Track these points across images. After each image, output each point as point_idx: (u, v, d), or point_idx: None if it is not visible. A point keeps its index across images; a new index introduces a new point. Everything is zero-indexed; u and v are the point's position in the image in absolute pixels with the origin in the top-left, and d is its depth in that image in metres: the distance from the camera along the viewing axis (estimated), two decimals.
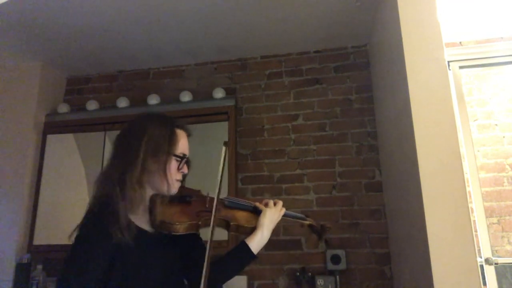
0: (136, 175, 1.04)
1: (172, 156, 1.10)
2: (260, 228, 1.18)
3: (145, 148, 1.07)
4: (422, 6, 1.68)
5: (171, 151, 1.09)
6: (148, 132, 1.09)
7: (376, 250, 2.21)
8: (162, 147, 1.09)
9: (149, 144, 1.07)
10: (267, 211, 1.21)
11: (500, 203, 2.40)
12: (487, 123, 2.53)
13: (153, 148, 1.07)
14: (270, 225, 1.21)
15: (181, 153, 1.13)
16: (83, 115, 2.68)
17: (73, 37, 2.41)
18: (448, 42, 2.40)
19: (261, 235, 1.17)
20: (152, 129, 1.10)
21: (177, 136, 1.12)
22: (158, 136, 1.09)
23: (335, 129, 2.46)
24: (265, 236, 1.18)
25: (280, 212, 1.25)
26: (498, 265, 2.10)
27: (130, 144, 1.09)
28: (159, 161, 1.08)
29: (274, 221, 1.22)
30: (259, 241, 1.17)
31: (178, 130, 1.15)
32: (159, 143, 1.08)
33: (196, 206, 1.16)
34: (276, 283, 2.26)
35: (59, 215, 2.46)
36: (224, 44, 2.56)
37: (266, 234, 1.19)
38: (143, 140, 1.08)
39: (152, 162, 1.07)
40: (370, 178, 2.34)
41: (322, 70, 2.59)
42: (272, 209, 1.23)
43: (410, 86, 1.59)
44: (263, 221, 1.19)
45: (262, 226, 1.19)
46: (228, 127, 2.43)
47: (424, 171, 1.49)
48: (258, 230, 1.18)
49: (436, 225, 1.42)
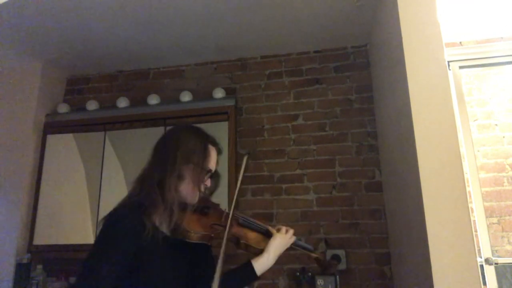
0: (174, 181, 1.11)
1: (203, 170, 1.16)
2: (267, 251, 1.25)
3: (181, 157, 1.14)
4: (422, 6, 1.68)
5: (203, 164, 1.16)
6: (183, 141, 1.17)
7: (376, 250, 2.21)
8: (195, 158, 1.15)
9: (184, 153, 1.15)
10: (278, 236, 1.27)
11: (500, 203, 2.40)
12: (487, 123, 2.53)
13: (187, 158, 1.15)
14: (277, 251, 1.27)
15: (209, 168, 1.19)
16: (83, 115, 2.68)
17: (73, 37, 2.41)
18: (448, 42, 2.40)
19: (267, 258, 1.23)
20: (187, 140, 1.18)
21: (209, 151, 1.19)
22: (193, 148, 1.17)
23: (335, 129, 2.46)
24: (270, 260, 1.24)
25: (289, 240, 1.31)
26: (498, 265, 2.10)
27: (168, 151, 1.16)
28: (193, 172, 1.15)
29: (282, 248, 1.28)
30: (264, 264, 1.23)
31: (210, 145, 1.22)
32: (193, 154, 1.16)
33: (212, 219, 1.22)
34: (276, 283, 2.26)
35: (59, 215, 2.46)
36: (224, 44, 2.56)
37: (272, 258, 1.24)
38: (179, 149, 1.15)
39: (185, 170, 1.14)
40: (370, 178, 2.34)
41: (322, 70, 2.59)
42: (282, 235, 1.29)
43: (410, 86, 1.59)
44: (272, 245, 1.26)
45: (269, 250, 1.25)
46: (228, 127, 2.43)
47: (424, 171, 1.49)
48: (265, 253, 1.24)
49: (436, 225, 1.42)
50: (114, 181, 2.45)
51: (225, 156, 2.37)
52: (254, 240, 1.27)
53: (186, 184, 1.15)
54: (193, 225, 1.15)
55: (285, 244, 1.29)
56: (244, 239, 1.25)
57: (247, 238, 1.26)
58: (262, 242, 1.28)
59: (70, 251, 2.37)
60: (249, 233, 1.29)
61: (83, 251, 2.29)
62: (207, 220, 1.21)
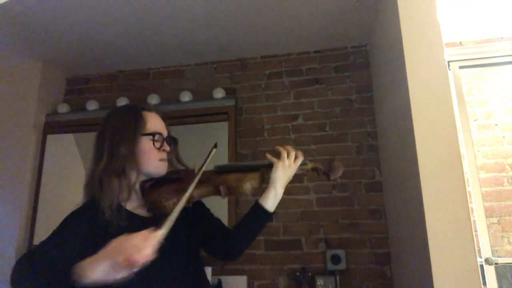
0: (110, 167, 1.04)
1: (140, 136, 1.08)
2: (272, 184, 1.14)
3: (112, 136, 1.07)
4: (422, 6, 1.68)
5: (137, 131, 1.07)
6: (112, 121, 1.11)
7: (376, 250, 2.21)
8: (128, 131, 1.07)
9: (115, 132, 1.07)
10: (279, 166, 1.15)
11: (500, 203, 2.40)
12: (487, 123, 2.53)
13: (121, 134, 1.07)
14: (284, 180, 1.15)
15: (153, 132, 1.09)
16: (83, 115, 2.68)
17: (73, 37, 2.41)
18: (448, 42, 2.40)
19: (274, 192, 1.14)
20: (116, 118, 1.12)
21: (143, 118, 1.10)
22: (123, 122, 1.09)
23: (335, 129, 2.46)
24: (278, 193, 1.14)
25: (295, 163, 1.17)
26: (498, 265, 2.10)
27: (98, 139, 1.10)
28: (128, 145, 1.06)
29: (289, 175, 1.16)
30: (273, 199, 1.14)
31: (146, 112, 1.13)
32: (125, 128, 1.08)
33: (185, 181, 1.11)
34: (276, 283, 2.26)
35: (59, 215, 2.44)
36: (224, 44, 2.56)
37: (280, 190, 1.14)
38: (107, 130, 1.09)
39: (123, 148, 1.05)
40: (370, 178, 2.34)
41: (322, 70, 2.59)
42: (285, 160, 1.16)
43: (410, 86, 1.59)
44: (275, 177, 1.14)
45: (274, 181, 1.14)
46: (228, 127, 2.43)
47: (424, 171, 1.49)
48: (270, 186, 1.14)
49: (436, 225, 1.42)
50: None
51: (225, 156, 2.37)
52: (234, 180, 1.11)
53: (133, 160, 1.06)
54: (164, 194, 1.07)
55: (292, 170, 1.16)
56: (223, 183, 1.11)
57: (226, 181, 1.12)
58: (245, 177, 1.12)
59: None
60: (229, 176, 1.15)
61: None
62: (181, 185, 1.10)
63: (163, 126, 1.15)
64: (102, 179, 1.03)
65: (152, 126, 1.11)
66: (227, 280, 2.24)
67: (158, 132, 1.11)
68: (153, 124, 1.12)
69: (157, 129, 1.11)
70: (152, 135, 1.09)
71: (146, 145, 1.08)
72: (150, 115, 1.13)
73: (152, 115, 1.14)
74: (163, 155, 1.11)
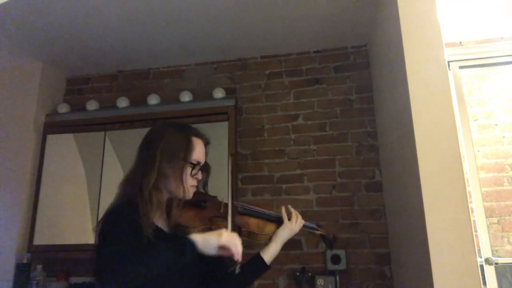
0: (153, 180, 1.09)
1: (187, 163, 1.14)
2: (275, 241, 1.25)
3: (161, 154, 1.12)
4: (422, 6, 1.68)
5: (186, 158, 1.13)
6: (164, 139, 1.15)
7: (376, 250, 2.21)
8: (178, 154, 1.13)
9: (165, 150, 1.13)
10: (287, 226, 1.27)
11: (500, 203, 2.40)
12: (487, 123, 2.53)
13: (169, 155, 1.13)
14: (285, 239, 1.27)
15: (196, 160, 1.16)
16: (83, 115, 2.68)
17: (73, 37, 2.41)
18: (448, 42, 2.40)
19: (275, 247, 1.25)
20: (168, 136, 1.16)
21: (192, 144, 1.16)
22: (175, 143, 1.15)
23: (335, 129, 2.46)
24: (278, 249, 1.25)
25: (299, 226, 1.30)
26: (498, 265, 2.10)
27: (148, 150, 1.15)
28: (174, 167, 1.12)
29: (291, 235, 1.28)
30: (273, 253, 1.25)
31: (195, 138, 1.19)
32: (175, 150, 1.14)
33: (210, 212, 1.22)
34: (276, 283, 2.26)
35: (59, 215, 2.46)
36: (224, 44, 2.56)
37: (279, 247, 1.26)
38: (159, 147, 1.13)
39: (168, 167, 1.12)
40: (370, 178, 2.34)
41: (322, 70, 2.59)
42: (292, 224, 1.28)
43: (410, 86, 1.59)
44: (281, 235, 1.26)
45: (278, 239, 1.26)
46: (228, 127, 2.43)
47: (424, 171, 1.49)
48: (273, 242, 1.25)
49: (436, 225, 1.42)
50: (114, 181, 2.40)
51: (225, 156, 2.37)
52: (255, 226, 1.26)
53: (172, 181, 1.13)
54: (191, 221, 1.16)
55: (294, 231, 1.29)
56: (246, 227, 1.24)
57: (249, 225, 1.25)
58: (266, 228, 1.27)
59: (70, 251, 2.37)
60: (250, 220, 1.28)
61: (83, 251, 2.29)
62: (206, 214, 1.21)
63: (203, 154, 1.22)
64: (152, 194, 1.08)
65: (197, 154, 1.17)
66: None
67: (200, 161, 1.18)
68: (198, 152, 1.17)
69: (199, 158, 1.18)
70: (194, 165, 1.15)
71: (188, 172, 1.14)
72: (198, 142, 1.19)
73: (199, 142, 1.20)
74: (194, 182, 1.17)
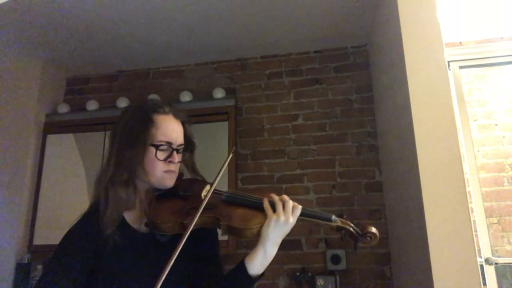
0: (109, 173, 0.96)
1: (147, 146, 0.97)
2: (261, 242, 0.92)
3: (120, 141, 0.98)
4: (422, 6, 1.68)
5: (146, 140, 0.96)
6: (122, 123, 1.01)
7: (376, 250, 2.21)
8: (136, 138, 0.97)
9: (124, 136, 0.99)
10: (272, 221, 0.92)
11: (500, 203, 2.40)
12: (487, 123, 2.53)
13: (129, 140, 0.97)
14: (277, 238, 0.93)
15: (161, 141, 0.98)
16: (83, 115, 2.68)
17: (73, 37, 2.41)
18: (448, 42, 2.40)
19: (263, 252, 0.92)
20: (126, 119, 1.01)
21: (155, 124, 0.98)
22: (132, 127, 0.99)
23: (335, 129, 2.46)
24: (269, 253, 0.93)
25: (293, 216, 0.94)
26: (498, 265, 2.10)
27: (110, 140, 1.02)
28: (135, 154, 0.97)
29: (284, 232, 0.94)
30: (262, 259, 0.92)
31: (158, 115, 1.00)
32: (132, 134, 0.98)
33: (191, 202, 0.98)
34: (276, 283, 2.26)
35: (59, 215, 2.46)
36: (224, 44, 2.56)
37: (271, 249, 0.93)
38: (117, 133, 1.00)
39: (129, 157, 0.97)
40: (370, 178, 2.34)
41: (322, 70, 2.59)
42: (281, 216, 0.92)
43: (410, 86, 1.59)
44: (268, 232, 0.92)
45: (264, 239, 0.92)
46: (228, 127, 2.43)
47: (424, 171, 1.49)
48: (259, 244, 0.92)
49: (436, 225, 1.42)
50: None
51: (225, 157, 2.36)
52: (239, 219, 0.93)
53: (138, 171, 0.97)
54: (163, 215, 0.94)
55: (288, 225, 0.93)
56: (227, 220, 0.92)
57: (231, 218, 0.93)
58: (254, 220, 0.93)
59: None
60: (235, 211, 0.96)
61: None
62: (185, 205, 0.97)
63: (178, 132, 1.02)
64: (108, 188, 0.96)
65: (163, 134, 0.98)
66: None
67: (167, 141, 0.98)
68: (165, 131, 0.98)
69: (167, 138, 0.98)
70: (156, 146, 0.97)
71: (152, 156, 0.97)
72: (164, 119, 1.00)
73: (166, 118, 1.00)
74: (170, 166, 0.99)
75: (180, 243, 0.84)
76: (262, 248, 0.92)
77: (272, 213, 0.93)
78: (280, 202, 0.95)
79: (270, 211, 0.94)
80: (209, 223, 0.95)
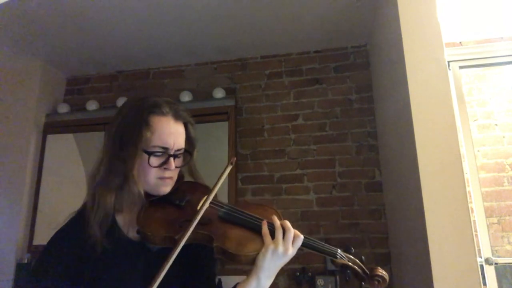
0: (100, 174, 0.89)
1: (139, 151, 0.87)
2: (255, 272, 0.83)
3: (113, 145, 0.90)
4: (422, 6, 1.68)
5: (136, 145, 0.87)
6: (117, 120, 0.92)
7: (376, 250, 2.21)
8: (128, 141, 0.88)
9: (116, 138, 0.90)
10: (269, 250, 0.83)
11: (500, 203, 2.40)
12: (487, 123, 2.53)
13: (121, 144, 0.89)
14: (272, 270, 0.84)
15: (156, 147, 0.88)
16: (83, 115, 2.68)
17: (73, 37, 2.41)
18: (448, 42, 2.40)
19: (256, 283, 0.83)
20: (122, 116, 0.92)
21: (150, 126, 0.88)
22: (127, 126, 0.90)
23: (335, 129, 2.46)
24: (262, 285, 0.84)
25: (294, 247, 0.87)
26: (498, 265, 2.10)
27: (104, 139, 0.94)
28: (127, 158, 0.88)
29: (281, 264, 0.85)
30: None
31: (155, 116, 0.90)
32: (126, 137, 0.89)
33: (186, 213, 0.90)
34: (276, 283, 2.26)
35: (59, 215, 2.44)
36: (224, 44, 2.56)
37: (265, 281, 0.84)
38: (112, 132, 0.91)
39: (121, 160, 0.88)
40: (370, 178, 2.34)
41: (322, 70, 2.59)
42: (278, 246, 0.84)
43: (410, 86, 1.59)
44: (264, 262, 0.83)
45: (258, 270, 0.83)
46: (228, 127, 2.43)
47: (424, 171, 1.49)
48: (253, 274, 0.83)
49: (436, 225, 1.42)
50: None
51: (225, 157, 2.37)
52: (234, 242, 0.85)
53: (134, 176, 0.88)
54: (154, 225, 0.87)
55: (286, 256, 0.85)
56: (221, 241, 0.84)
57: (225, 240, 0.85)
58: (249, 245, 0.85)
59: None
60: (231, 231, 0.88)
61: None
62: (180, 215, 0.89)
63: (176, 135, 0.92)
64: (96, 193, 0.88)
65: (159, 138, 0.88)
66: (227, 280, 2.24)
67: (162, 146, 0.89)
68: (161, 134, 0.89)
69: (163, 143, 0.89)
70: (149, 153, 0.88)
71: (145, 162, 0.88)
72: (161, 121, 0.90)
73: (163, 120, 0.90)
74: (165, 173, 0.90)
75: (169, 259, 0.77)
76: (256, 279, 0.83)
77: (270, 241, 0.85)
78: (280, 229, 0.86)
79: (269, 238, 0.85)
80: (202, 240, 0.87)
